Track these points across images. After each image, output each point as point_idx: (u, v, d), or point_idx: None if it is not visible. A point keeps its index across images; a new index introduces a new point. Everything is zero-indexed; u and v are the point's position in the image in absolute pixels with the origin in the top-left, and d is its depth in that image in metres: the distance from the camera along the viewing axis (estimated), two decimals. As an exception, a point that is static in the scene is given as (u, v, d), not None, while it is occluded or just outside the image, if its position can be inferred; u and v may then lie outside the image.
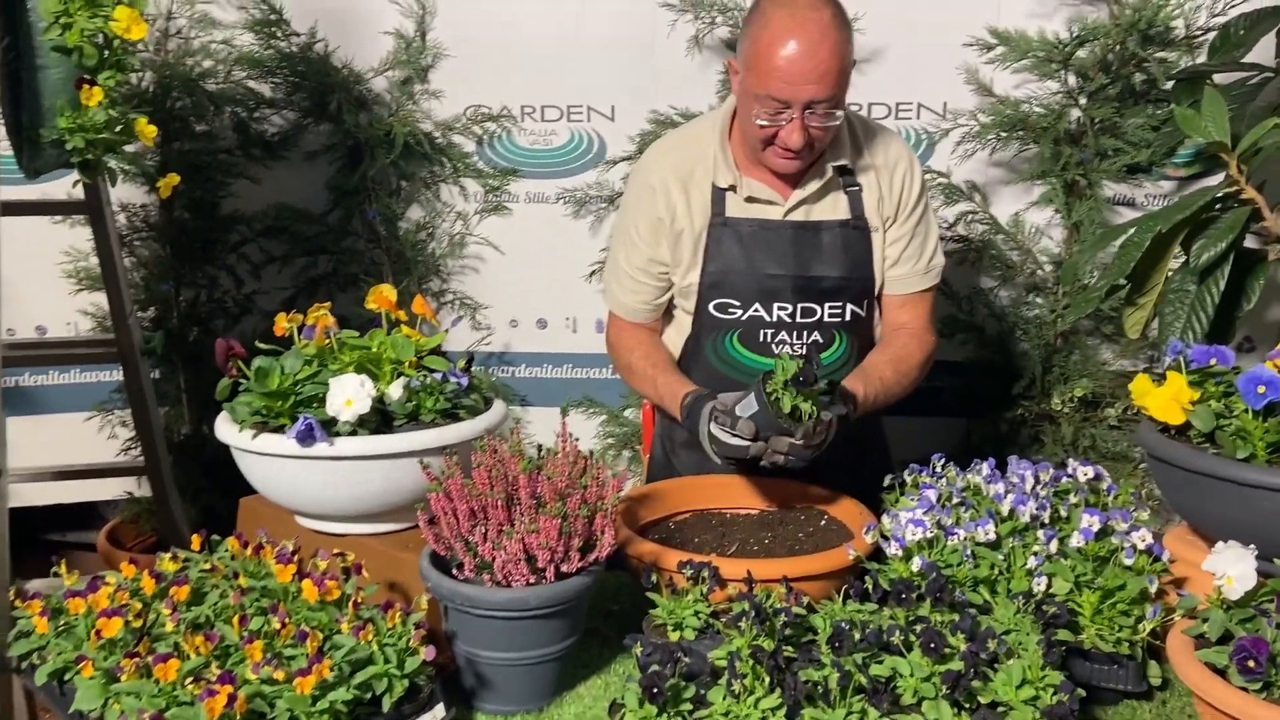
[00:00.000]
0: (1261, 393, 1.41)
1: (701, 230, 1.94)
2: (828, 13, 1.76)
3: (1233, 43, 2.56)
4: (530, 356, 3.10)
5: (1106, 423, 2.67)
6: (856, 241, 1.94)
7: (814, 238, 1.92)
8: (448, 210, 3.03)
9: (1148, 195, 2.75)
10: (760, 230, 1.92)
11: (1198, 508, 1.51)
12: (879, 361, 1.93)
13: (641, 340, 2.06)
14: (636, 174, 2.03)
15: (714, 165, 1.93)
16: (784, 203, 1.92)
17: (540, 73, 2.90)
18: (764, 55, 1.75)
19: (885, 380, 1.88)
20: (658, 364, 1.99)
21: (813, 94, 1.75)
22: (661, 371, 1.97)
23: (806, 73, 1.74)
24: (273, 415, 1.55)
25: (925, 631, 1.29)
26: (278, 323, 1.70)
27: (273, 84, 2.95)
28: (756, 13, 1.82)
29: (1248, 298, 2.08)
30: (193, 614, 1.40)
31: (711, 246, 1.94)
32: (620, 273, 2.05)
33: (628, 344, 2.06)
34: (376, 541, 1.62)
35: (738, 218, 1.92)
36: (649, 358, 2.01)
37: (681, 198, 1.94)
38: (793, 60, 1.73)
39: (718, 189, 1.93)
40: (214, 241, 3.04)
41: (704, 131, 1.97)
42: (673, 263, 1.98)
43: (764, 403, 1.63)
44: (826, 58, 1.74)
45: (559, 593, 1.37)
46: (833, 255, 1.93)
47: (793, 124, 1.78)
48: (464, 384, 1.63)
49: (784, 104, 1.77)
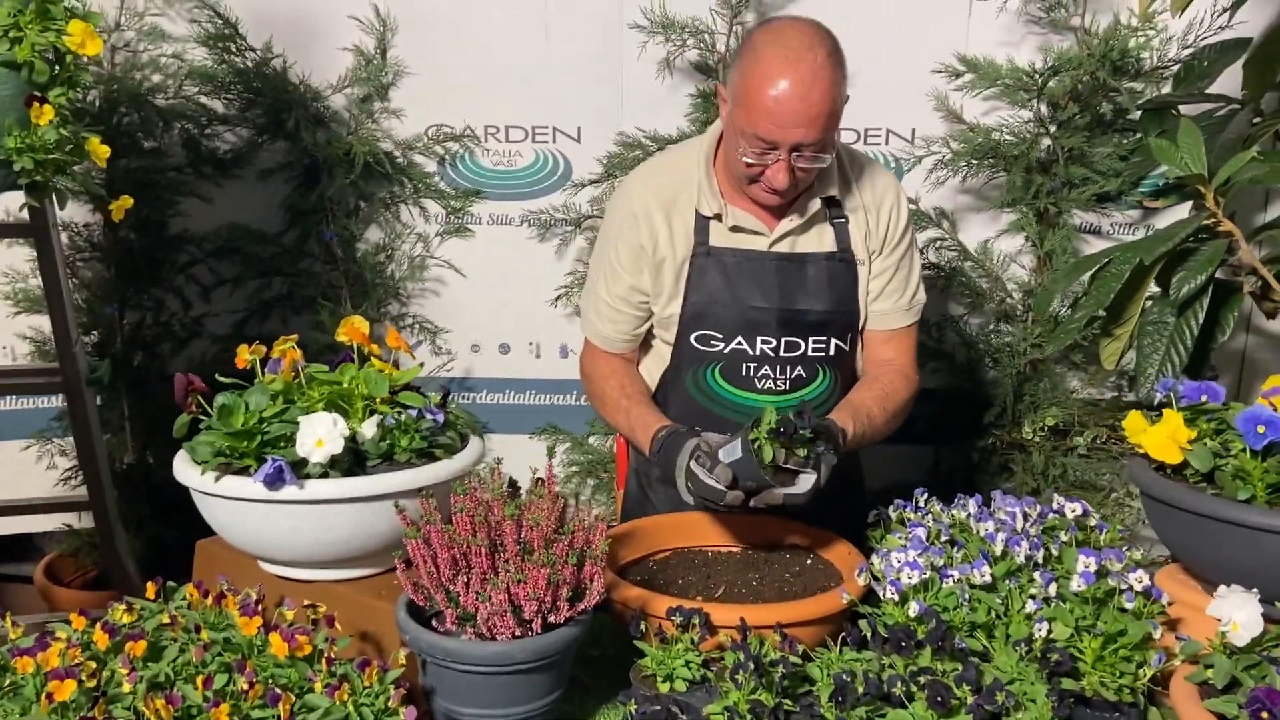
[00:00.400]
0: (1261, 432, 1.39)
1: (684, 260, 1.88)
2: (822, 52, 1.70)
3: (1197, 74, 2.59)
4: (492, 382, 3.02)
5: (1077, 451, 2.66)
6: (842, 275, 1.90)
7: (799, 270, 1.88)
8: (408, 232, 2.95)
9: (1114, 224, 2.75)
10: (745, 261, 1.87)
11: (1196, 549, 1.49)
12: (867, 399, 1.88)
13: (616, 370, 2.00)
14: (617, 199, 1.97)
15: (698, 192, 1.87)
16: (770, 234, 1.87)
17: (505, 92, 2.84)
18: (753, 93, 1.70)
19: (873, 419, 1.84)
20: (632, 395, 1.93)
21: (801, 137, 1.70)
22: (635, 403, 1.91)
23: (796, 115, 1.68)
24: (237, 456, 1.46)
25: (931, 684, 1.24)
26: (240, 355, 1.60)
27: (225, 100, 2.84)
28: (748, 46, 1.76)
29: (1222, 329, 2.08)
30: (151, 672, 1.30)
31: (694, 276, 1.88)
32: (599, 302, 1.98)
33: (602, 373, 2.00)
34: (346, 588, 1.54)
35: (722, 247, 1.87)
36: (623, 388, 1.95)
37: (664, 225, 1.88)
38: (782, 102, 1.68)
39: (701, 217, 1.87)
40: (161, 262, 2.92)
41: (688, 156, 1.91)
42: (653, 292, 1.92)
43: (748, 451, 1.57)
44: (818, 100, 1.68)
45: (547, 645, 1.30)
46: (818, 288, 1.88)
47: (779, 165, 1.73)
48: (440, 421, 1.55)
49: (771, 145, 1.72)
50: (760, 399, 1.91)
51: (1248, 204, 2.63)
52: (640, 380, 2.00)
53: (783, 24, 1.76)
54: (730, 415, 1.93)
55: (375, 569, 1.56)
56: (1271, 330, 2.77)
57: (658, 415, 1.86)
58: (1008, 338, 2.72)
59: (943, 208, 2.79)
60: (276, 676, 1.28)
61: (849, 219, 1.90)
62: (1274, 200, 2.72)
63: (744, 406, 1.92)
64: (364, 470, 1.48)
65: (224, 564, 1.61)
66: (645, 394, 1.96)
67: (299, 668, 1.29)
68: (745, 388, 1.91)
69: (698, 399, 1.94)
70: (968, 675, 1.28)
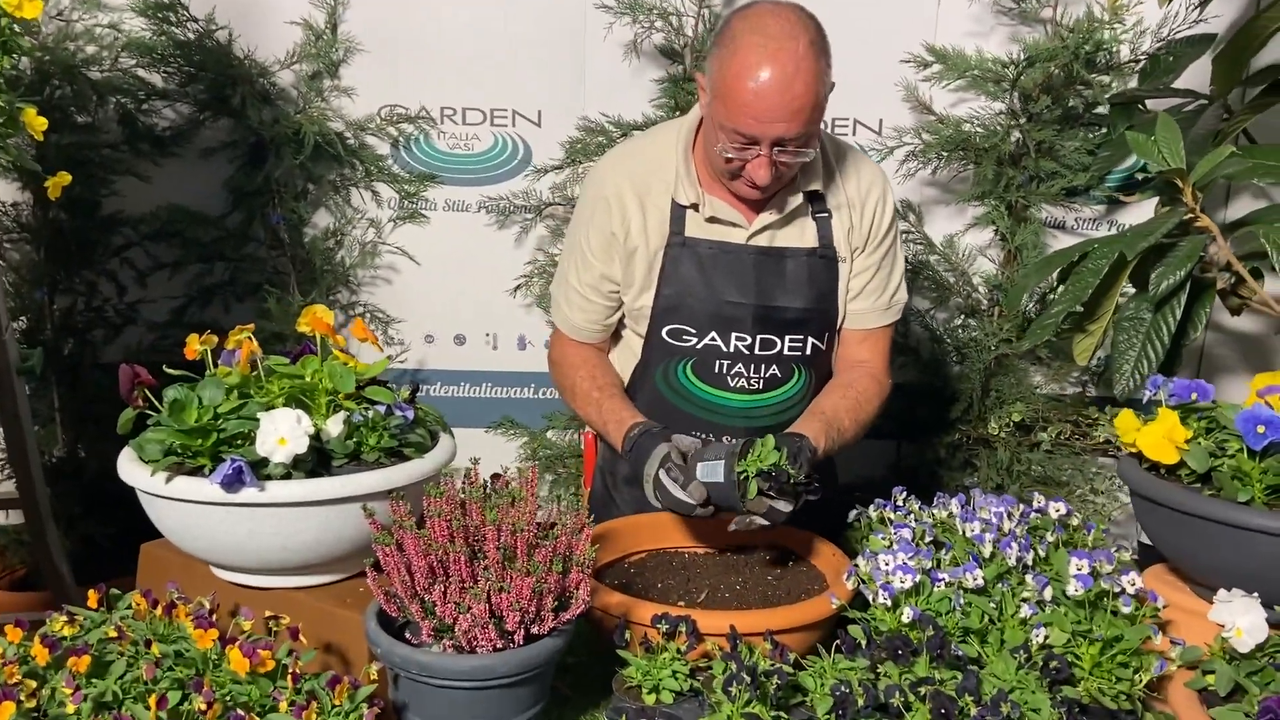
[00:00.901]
0: (1261, 432, 1.36)
1: (658, 249, 1.80)
2: (804, 40, 1.60)
3: (1163, 69, 2.59)
4: (446, 374, 2.92)
5: (1042, 447, 2.65)
6: (822, 272, 1.82)
7: (778, 265, 1.80)
8: (359, 216, 2.83)
9: (1079, 219, 2.75)
10: (721, 254, 1.79)
11: (1191, 550, 1.46)
12: (841, 409, 1.79)
13: (588, 360, 1.92)
14: (590, 183, 1.88)
15: (675, 179, 1.79)
16: (748, 226, 1.79)
17: (462, 72, 2.73)
18: (732, 86, 1.60)
19: (844, 432, 1.77)
20: (604, 388, 1.85)
21: (783, 132, 1.61)
22: (608, 396, 1.83)
23: (776, 109, 1.59)
24: (190, 455, 1.35)
25: (935, 696, 1.19)
26: (189, 345, 1.49)
27: (165, 73, 2.69)
28: (727, 34, 1.65)
29: (1194, 325, 2.07)
30: (97, 690, 1.20)
31: (668, 267, 1.80)
32: (569, 289, 1.90)
33: (573, 363, 1.91)
34: (307, 596, 1.44)
35: (697, 238, 1.79)
36: (595, 380, 1.87)
37: (637, 212, 1.80)
38: (762, 96, 1.58)
39: (678, 205, 1.79)
40: (94, 244, 2.77)
41: (665, 141, 1.82)
42: (624, 282, 1.84)
43: (731, 480, 1.51)
44: (800, 94, 1.59)
45: (530, 657, 1.22)
46: (797, 285, 1.81)
47: (760, 160, 1.65)
48: (409, 417, 1.46)
49: (751, 140, 1.63)
50: (732, 398, 1.85)
51: (1208, 200, 2.63)
52: (612, 371, 1.92)
53: (762, 9, 1.65)
54: (700, 414, 1.86)
55: (339, 575, 1.46)
56: (1229, 327, 2.78)
57: (630, 410, 1.79)
58: (974, 332, 2.69)
59: (909, 200, 2.76)
60: (236, 695, 1.19)
61: (832, 214, 1.82)
62: (1235, 196, 2.73)
63: (715, 405, 1.85)
64: (329, 471, 1.38)
65: (172, 569, 1.50)
66: (617, 386, 1.88)
67: (260, 685, 1.19)
68: (717, 385, 1.84)
69: (667, 395, 1.87)
70: (969, 685, 1.23)
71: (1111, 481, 2.69)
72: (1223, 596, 1.33)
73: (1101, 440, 2.66)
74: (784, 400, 1.86)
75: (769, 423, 1.85)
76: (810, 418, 1.76)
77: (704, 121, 1.75)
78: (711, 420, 1.87)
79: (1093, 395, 2.75)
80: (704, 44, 2.62)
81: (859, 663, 1.33)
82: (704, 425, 1.87)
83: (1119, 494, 2.67)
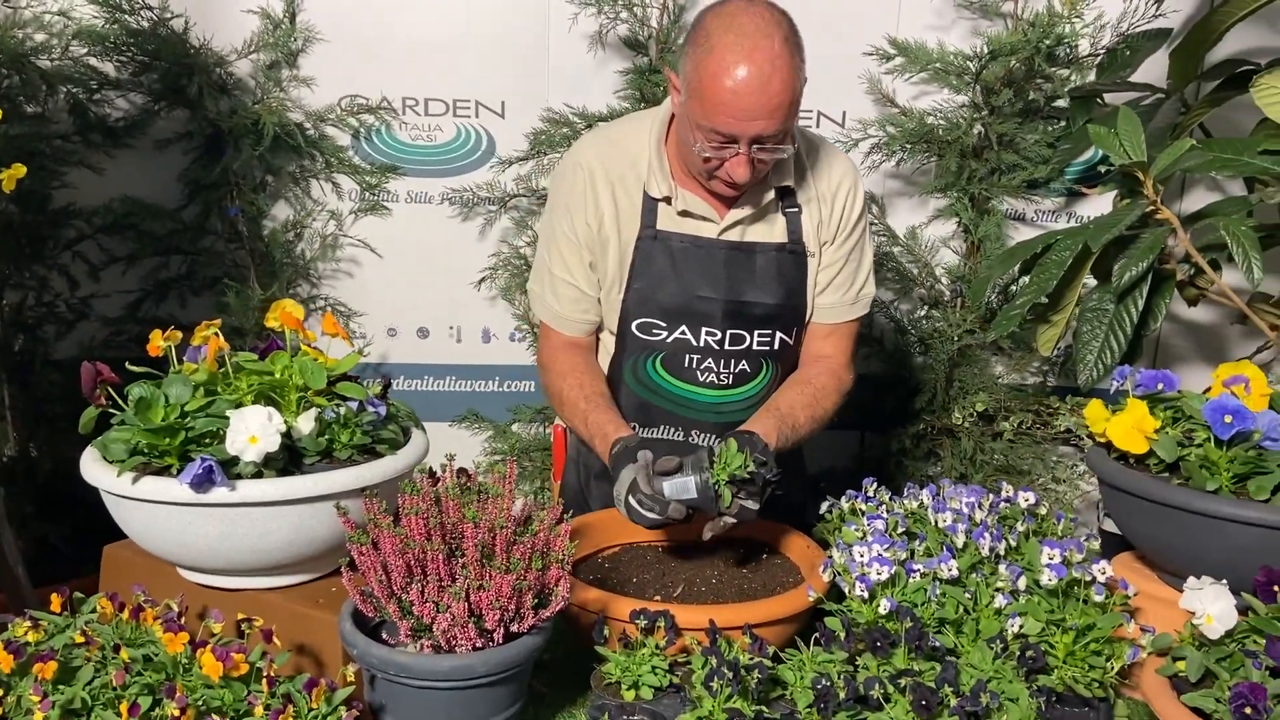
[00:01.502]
0: (1229, 422, 1.38)
1: (629, 242, 1.79)
2: (779, 37, 1.58)
3: (1121, 63, 2.62)
4: (410, 368, 2.88)
5: (1004, 437, 2.68)
6: (791, 267, 1.82)
7: (748, 260, 1.79)
8: (319, 209, 2.78)
9: (1039, 211, 2.78)
10: (693, 248, 1.78)
11: (1160, 539, 1.48)
12: (797, 406, 1.78)
13: (576, 366, 1.85)
14: (566, 172, 1.84)
15: (648, 172, 1.77)
16: (720, 221, 1.78)
17: (424, 62, 2.70)
18: (708, 86, 1.58)
19: (798, 429, 1.76)
20: (590, 398, 1.79)
21: (761, 130, 1.60)
22: (594, 408, 1.77)
23: (755, 109, 1.58)
24: (157, 454, 1.32)
25: (915, 687, 1.20)
26: (153, 341, 1.45)
27: (118, 62, 2.62)
28: (700, 32, 1.62)
29: (1155, 316, 2.10)
30: (64, 697, 1.16)
31: (639, 261, 1.79)
32: (554, 280, 1.85)
33: (560, 370, 1.85)
34: (279, 597, 1.41)
35: (669, 231, 1.78)
36: (582, 388, 1.81)
37: (610, 203, 1.78)
38: (740, 95, 1.57)
39: (650, 198, 1.77)
40: (45, 238, 2.69)
41: (638, 133, 1.80)
42: (599, 273, 1.83)
43: (708, 496, 1.52)
44: (778, 91, 1.58)
45: (510, 656, 1.21)
46: (767, 280, 1.80)
47: (739, 159, 1.63)
48: (382, 413, 1.44)
49: (730, 138, 1.61)
50: (702, 392, 1.84)
51: (1165, 193, 2.67)
52: (599, 378, 1.86)
53: (735, 6, 1.62)
54: (670, 408, 1.85)
55: (311, 575, 1.44)
56: (1184, 318, 2.83)
57: (615, 422, 1.74)
58: (938, 323, 2.71)
59: (873, 192, 2.77)
60: (209, 699, 1.16)
61: (802, 209, 1.81)
62: (1190, 189, 2.78)
63: (685, 399, 1.85)
64: (301, 469, 1.35)
65: (137, 571, 1.47)
66: (604, 396, 1.82)
67: (235, 689, 1.17)
68: (687, 380, 1.83)
69: (637, 390, 1.85)
70: (947, 676, 1.24)
71: (1072, 470, 2.73)
72: (1193, 584, 1.35)
73: (1062, 429, 2.70)
74: (753, 395, 1.86)
75: (739, 417, 1.85)
76: (764, 415, 1.75)
77: (678, 121, 1.72)
78: (682, 415, 1.86)
79: (1053, 385, 2.79)
80: (669, 35, 2.61)
81: (838, 655, 1.33)
82: (674, 420, 1.86)
83: (1080, 482, 2.71)
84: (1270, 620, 1.28)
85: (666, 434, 1.86)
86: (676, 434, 1.87)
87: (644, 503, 1.52)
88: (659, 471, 1.55)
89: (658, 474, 1.54)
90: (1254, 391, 1.47)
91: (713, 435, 1.85)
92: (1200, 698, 1.24)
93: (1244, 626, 1.30)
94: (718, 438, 1.80)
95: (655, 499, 1.51)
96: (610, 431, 1.69)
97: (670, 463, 1.55)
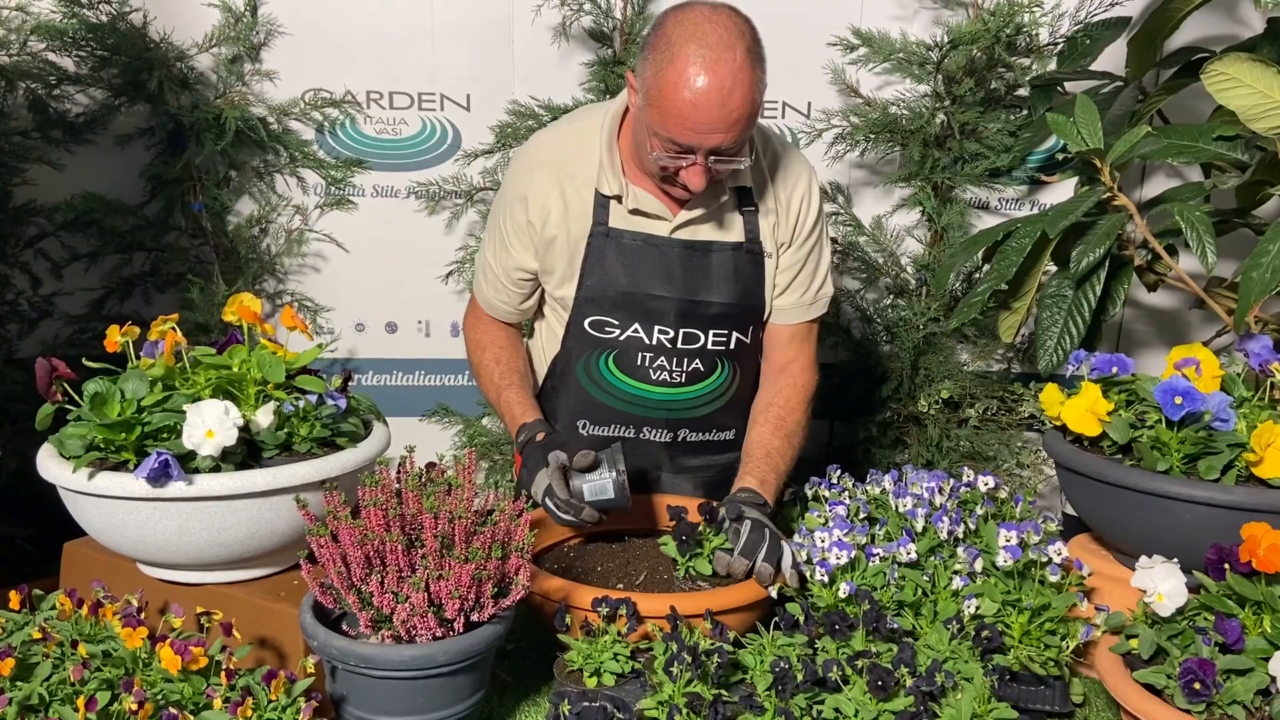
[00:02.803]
0: (1179, 403, 1.41)
1: (580, 239, 1.77)
2: (740, 49, 1.55)
3: (1080, 51, 2.65)
4: (378, 363, 2.87)
5: (970, 424, 2.70)
6: (747, 266, 1.80)
7: (703, 259, 1.78)
8: (284, 203, 2.76)
9: (1002, 200, 2.80)
10: (645, 246, 1.77)
11: (1113, 519, 1.50)
12: (773, 441, 1.81)
13: (495, 339, 1.93)
14: (515, 169, 1.85)
15: (599, 169, 1.75)
16: (671, 219, 1.77)
17: (388, 55, 2.68)
18: (668, 97, 1.56)
19: (785, 457, 1.80)
20: (506, 374, 1.87)
21: (719, 142, 1.58)
22: (508, 385, 1.84)
23: (714, 122, 1.56)
24: (113, 449, 1.31)
25: (872, 669, 1.21)
26: (110, 336, 1.45)
27: (77, 57, 2.59)
28: (661, 38, 1.59)
29: (1114, 302, 2.13)
30: (22, 693, 1.16)
31: (591, 258, 1.77)
32: (487, 268, 1.90)
33: (479, 341, 1.94)
34: (239, 590, 1.41)
35: (621, 229, 1.77)
36: (499, 362, 1.89)
37: (558, 200, 1.76)
38: (699, 108, 1.55)
39: (601, 195, 1.76)
40: (5, 236, 2.66)
41: (590, 130, 1.78)
42: (543, 270, 1.82)
43: (624, 497, 1.55)
44: (738, 105, 1.55)
45: (471, 645, 1.21)
46: (722, 279, 1.79)
47: (695, 169, 1.62)
48: (342, 406, 1.43)
49: (686, 149, 1.60)
50: (654, 390, 1.83)
51: (1125, 180, 2.70)
52: (519, 354, 1.92)
53: (698, 12, 1.58)
54: (621, 405, 1.85)
55: (271, 569, 1.44)
56: (1146, 303, 2.87)
57: (524, 403, 1.80)
58: (904, 312, 2.73)
59: (838, 182, 2.79)
60: (168, 693, 1.16)
61: (758, 208, 1.80)
62: (1150, 175, 2.81)
63: (637, 397, 1.84)
64: (260, 463, 1.35)
65: (97, 568, 1.46)
66: (520, 372, 1.88)
67: (193, 682, 1.17)
68: (639, 378, 1.83)
69: (588, 387, 1.85)
70: (904, 656, 1.26)
71: (1036, 455, 2.76)
72: (1144, 563, 1.37)
73: (1026, 415, 2.73)
74: (707, 394, 1.86)
75: (691, 415, 1.86)
76: (747, 466, 1.77)
77: (635, 126, 1.70)
78: (633, 413, 1.86)
79: (1017, 372, 2.81)
80: (633, 27, 2.61)
81: (797, 639, 1.35)
82: (625, 418, 1.86)
83: (1044, 467, 2.74)
84: (1220, 598, 1.30)
85: (617, 431, 1.86)
86: (627, 431, 1.87)
87: (560, 507, 1.55)
88: (576, 468, 1.57)
89: (575, 470, 1.57)
90: (1205, 374, 1.50)
91: (664, 432, 1.87)
92: (1151, 674, 1.26)
93: (1195, 604, 1.33)
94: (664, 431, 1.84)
95: (570, 504, 1.55)
96: (517, 414, 1.74)
97: (586, 458, 1.56)
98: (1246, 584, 1.27)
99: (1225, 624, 1.24)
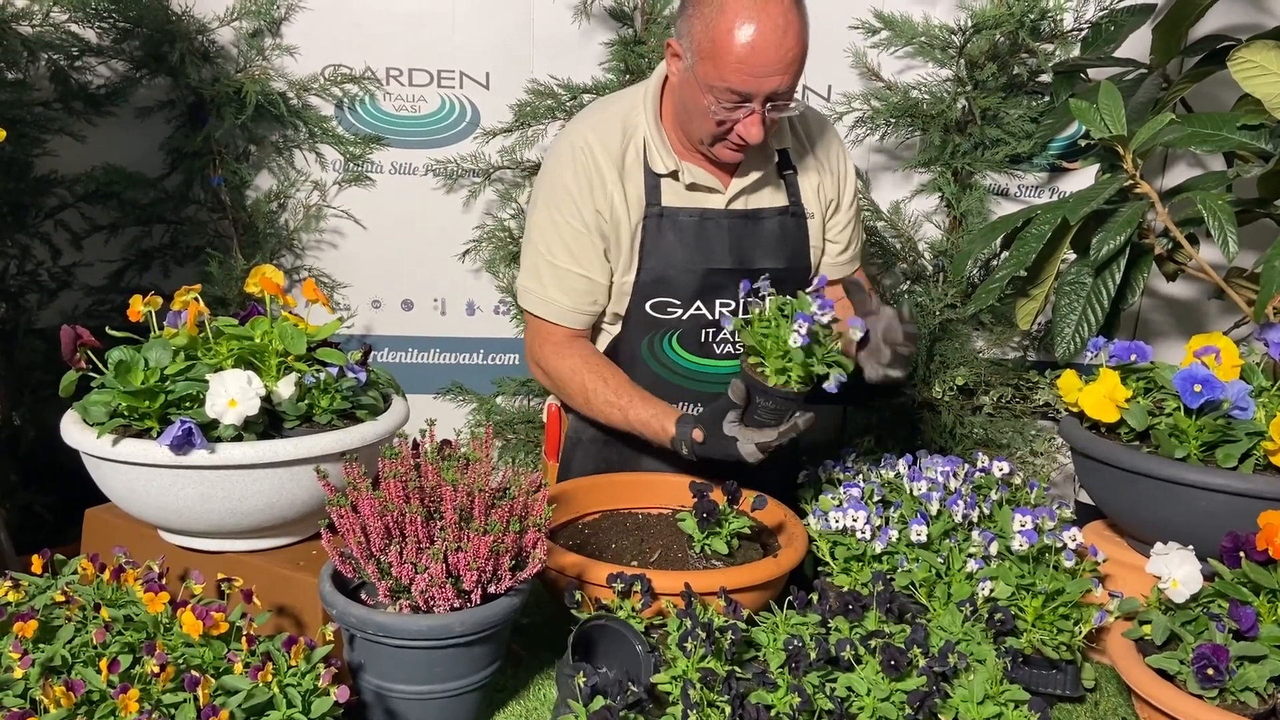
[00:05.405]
0: (1198, 391, 1.41)
1: (637, 223, 1.76)
2: None
3: (1104, 38, 2.63)
4: (394, 340, 2.89)
5: (984, 411, 2.70)
6: (794, 229, 1.83)
7: (755, 227, 1.80)
8: (303, 179, 2.77)
9: (1022, 186, 2.79)
10: (702, 221, 1.77)
11: (1129, 506, 1.50)
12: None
13: (588, 360, 1.80)
14: (564, 156, 1.78)
15: (647, 148, 1.75)
16: (725, 191, 1.78)
17: (408, 32, 2.69)
18: (722, 45, 1.58)
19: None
20: (620, 389, 1.76)
21: (777, 85, 1.60)
22: (630, 404, 1.74)
23: (771, 64, 1.58)
24: (137, 417, 1.33)
25: (885, 648, 1.22)
26: (133, 306, 1.46)
27: (99, 29, 2.61)
28: None
29: (1132, 290, 2.12)
30: (45, 655, 1.18)
31: (648, 241, 1.76)
32: (554, 270, 1.79)
33: (572, 366, 1.80)
34: (259, 559, 1.42)
35: (676, 207, 1.76)
36: (607, 382, 1.77)
37: (617, 183, 1.75)
38: (757, 50, 1.57)
39: (653, 175, 1.75)
40: (27, 206, 2.68)
41: (633, 109, 1.77)
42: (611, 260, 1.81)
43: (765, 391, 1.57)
44: (792, 45, 1.58)
45: (488, 616, 1.22)
46: (773, 245, 1.81)
47: (753, 117, 1.63)
48: (362, 379, 1.44)
49: (744, 96, 1.61)
50: (720, 364, 1.84)
51: (1146, 168, 2.69)
52: (615, 366, 1.82)
53: None
54: (687, 384, 1.85)
55: (291, 538, 1.45)
56: (1164, 292, 2.86)
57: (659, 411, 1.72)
58: (920, 298, 2.73)
59: (857, 166, 2.76)
60: (189, 657, 1.17)
61: (798, 170, 1.83)
62: (1172, 164, 2.80)
63: (703, 374, 1.85)
64: (281, 433, 1.36)
65: (119, 534, 1.48)
66: (631, 385, 1.78)
67: (214, 647, 1.18)
68: (704, 355, 1.83)
69: (654, 368, 1.83)
70: (916, 637, 1.26)
71: (1050, 443, 2.75)
72: (1159, 549, 1.37)
73: (1041, 404, 2.72)
74: None
75: None
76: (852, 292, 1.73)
77: (683, 87, 1.69)
78: (698, 390, 1.86)
79: (1033, 360, 2.81)
80: (654, 7, 2.60)
81: (811, 618, 1.36)
82: (693, 395, 1.86)
83: (1057, 455, 2.74)
84: (1235, 585, 1.30)
85: (685, 408, 1.83)
86: (695, 407, 1.84)
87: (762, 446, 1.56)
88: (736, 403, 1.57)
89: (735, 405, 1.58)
90: (1224, 362, 1.49)
91: None
92: (1165, 660, 1.26)
93: (1209, 591, 1.33)
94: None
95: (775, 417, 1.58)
96: (657, 428, 1.70)
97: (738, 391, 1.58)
98: (1262, 572, 1.27)
99: (1239, 611, 1.24)
